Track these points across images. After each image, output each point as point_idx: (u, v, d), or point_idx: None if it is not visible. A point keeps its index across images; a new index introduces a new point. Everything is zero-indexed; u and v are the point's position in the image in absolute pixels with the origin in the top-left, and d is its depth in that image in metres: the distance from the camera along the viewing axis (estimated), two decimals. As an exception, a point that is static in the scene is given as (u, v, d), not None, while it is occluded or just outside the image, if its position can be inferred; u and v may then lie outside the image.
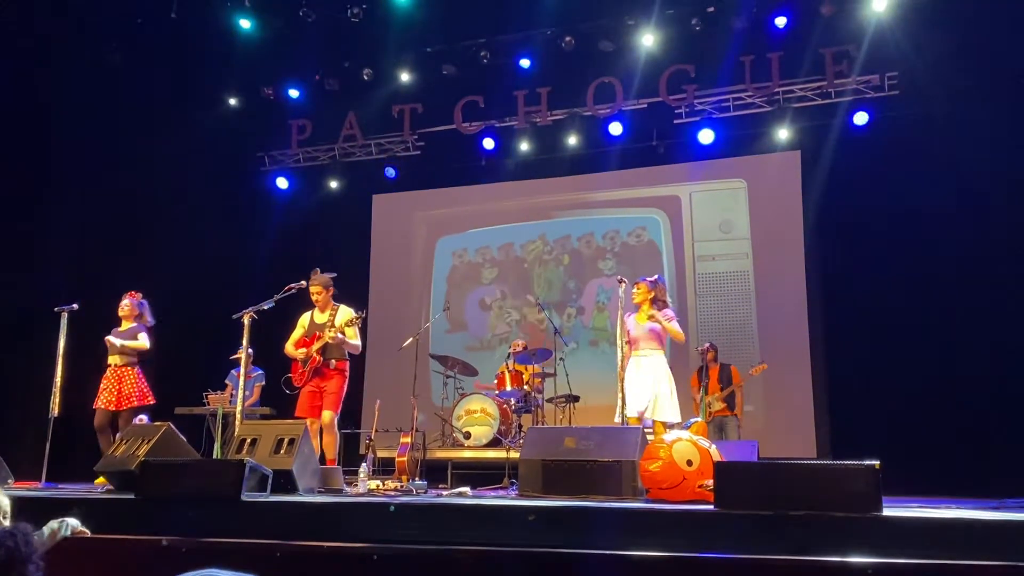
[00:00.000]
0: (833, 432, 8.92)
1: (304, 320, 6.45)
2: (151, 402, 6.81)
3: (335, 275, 6.52)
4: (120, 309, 6.89)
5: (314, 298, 6.38)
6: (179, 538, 3.67)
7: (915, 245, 8.49)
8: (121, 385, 6.70)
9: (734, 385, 8.36)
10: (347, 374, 6.33)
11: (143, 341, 6.80)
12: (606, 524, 3.60)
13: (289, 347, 6.40)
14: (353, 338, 6.30)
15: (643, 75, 9.62)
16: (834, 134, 9.37)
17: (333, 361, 6.23)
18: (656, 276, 6.63)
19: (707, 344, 8.68)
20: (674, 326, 6.37)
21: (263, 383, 8.50)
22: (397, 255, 11.22)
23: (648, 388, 6.19)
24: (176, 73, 9.73)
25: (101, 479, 6.42)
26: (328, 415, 6.16)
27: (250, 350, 6.37)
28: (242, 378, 6.26)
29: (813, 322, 9.31)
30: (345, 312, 6.32)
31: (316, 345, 6.22)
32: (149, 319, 6.97)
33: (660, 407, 6.20)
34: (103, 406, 6.65)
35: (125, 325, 6.88)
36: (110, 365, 6.77)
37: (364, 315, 6.44)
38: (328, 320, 6.29)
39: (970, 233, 8.21)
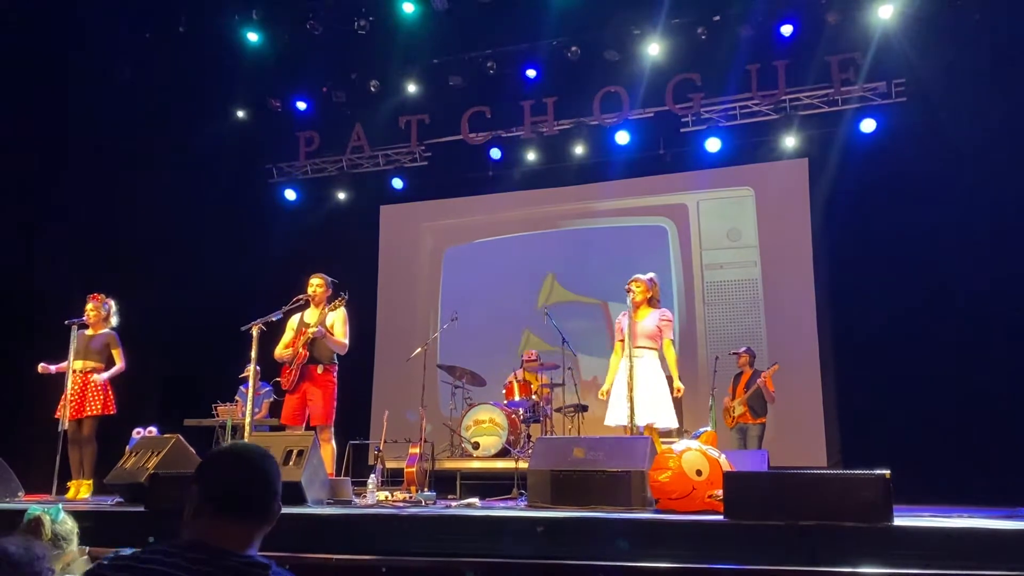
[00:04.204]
0: (843, 441, 8.87)
1: (293, 322, 6.32)
2: (112, 411, 6.62)
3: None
4: (87, 316, 6.66)
5: (315, 290, 6.24)
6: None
7: (923, 252, 8.45)
8: (84, 391, 6.50)
9: (759, 384, 8.34)
10: (336, 382, 6.19)
11: (120, 364, 6.65)
12: (615, 535, 3.58)
13: (278, 350, 6.25)
14: (341, 336, 6.16)
15: (649, 84, 9.61)
16: (841, 141, 9.38)
17: (322, 365, 6.09)
18: (652, 274, 6.25)
19: (744, 348, 8.67)
20: (672, 351, 6.06)
21: (271, 399, 8.51)
22: (404, 265, 11.24)
23: (641, 393, 5.71)
24: (184, 87, 9.78)
25: (71, 491, 6.42)
26: (321, 429, 5.98)
27: (258, 367, 6.33)
28: (251, 391, 6.24)
29: (822, 330, 9.28)
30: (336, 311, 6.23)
31: (301, 340, 6.07)
32: (115, 321, 6.81)
33: (655, 411, 5.78)
34: (70, 416, 6.41)
35: (93, 331, 6.68)
36: (75, 371, 6.49)
37: (346, 297, 6.25)
38: (319, 320, 6.19)
39: (978, 240, 8.18)
